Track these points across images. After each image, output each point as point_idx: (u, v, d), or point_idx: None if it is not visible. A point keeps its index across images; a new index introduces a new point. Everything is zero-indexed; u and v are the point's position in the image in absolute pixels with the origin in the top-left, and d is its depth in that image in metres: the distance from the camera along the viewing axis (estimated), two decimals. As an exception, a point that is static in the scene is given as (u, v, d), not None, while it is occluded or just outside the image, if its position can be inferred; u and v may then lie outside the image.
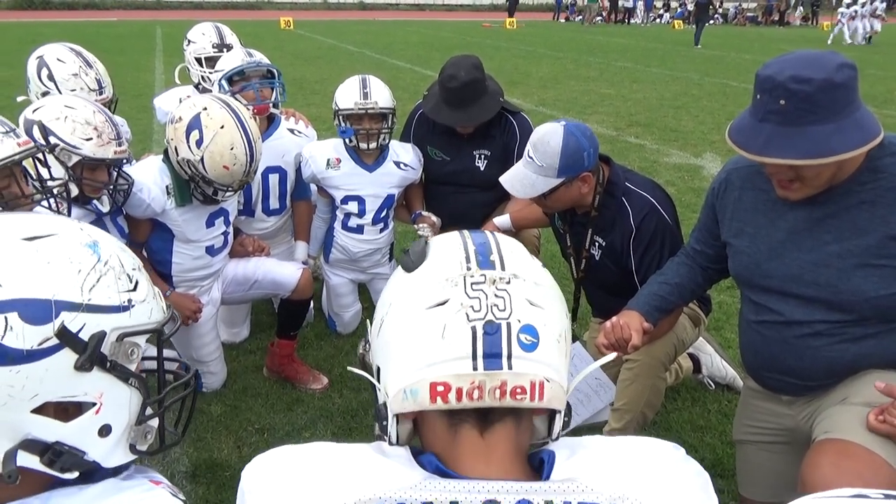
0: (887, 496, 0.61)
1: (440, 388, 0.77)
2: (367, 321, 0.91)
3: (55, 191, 1.83)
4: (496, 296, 0.78)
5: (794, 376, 1.69)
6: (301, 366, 3.02)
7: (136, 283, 0.86)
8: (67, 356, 0.78)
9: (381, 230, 3.16)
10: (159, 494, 0.85)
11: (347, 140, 2.93)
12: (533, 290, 0.80)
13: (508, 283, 0.79)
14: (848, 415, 1.55)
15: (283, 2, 39.17)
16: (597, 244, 2.31)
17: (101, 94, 2.88)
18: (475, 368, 0.76)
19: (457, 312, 0.77)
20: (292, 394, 2.94)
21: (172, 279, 2.70)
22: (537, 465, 0.82)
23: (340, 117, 2.89)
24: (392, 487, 0.75)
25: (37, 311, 0.76)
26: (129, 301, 0.83)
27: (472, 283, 0.79)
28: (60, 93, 2.76)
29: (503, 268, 0.80)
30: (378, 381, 0.85)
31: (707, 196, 1.89)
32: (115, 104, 2.98)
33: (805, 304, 1.63)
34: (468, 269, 0.80)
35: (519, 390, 0.77)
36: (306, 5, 38.86)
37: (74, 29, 19.97)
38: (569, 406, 0.84)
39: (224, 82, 2.90)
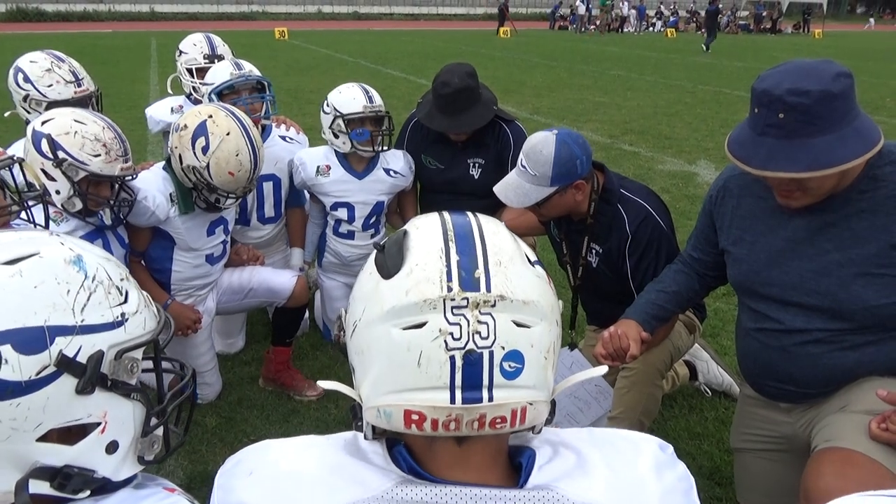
0: None
1: (414, 417, 0.73)
2: (343, 310, 0.86)
3: (30, 203, 1.79)
4: (479, 321, 0.71)
5: (793, 384, 1.68)
6: (297, 373, 3.02)
7: (126, 293, 0.83)
8: (67, 382, 0.75)
9: (373, 235, 3.15)
10: (177, 501, 0.84)
11: (354, 142, 2.88)
12: (520, 309, 0.73)
13: (493, 305, 0.72)
14: (849, 423, 1.54)
15: (278, 12, 39.28)
16: (593, 251, 2.31)
17: (79, 85, 2.83)
18: (453, 401, 0.72)
19: (434, 339, 0.71)
20: (288, 405, 2.92)
21: (171, 287, 2.69)
22: (517, 464, 0.80)
23: (343, 122, 2.86)
24: (361, 498, 0.74)
25: (30, 340, 0.73)
26: (123, 315, 0.81)
27: (452, 307, 0.72)
28: (39, 92, 2.74)
29: (489, 287, 0.73)
30: (353, 378, 0.82)
31: (704, 203, 1.89)
32: (100, 99, 2.94)
33: (805, 312, 1.62)
34: (449, 289, 0.72)
35: (499, 420, 0.74)
36: (301, 15, 39.00)
37: (69, 40, 19.98)
38: (553, 403, 0.80)
39: (214, 96, 2.89)
